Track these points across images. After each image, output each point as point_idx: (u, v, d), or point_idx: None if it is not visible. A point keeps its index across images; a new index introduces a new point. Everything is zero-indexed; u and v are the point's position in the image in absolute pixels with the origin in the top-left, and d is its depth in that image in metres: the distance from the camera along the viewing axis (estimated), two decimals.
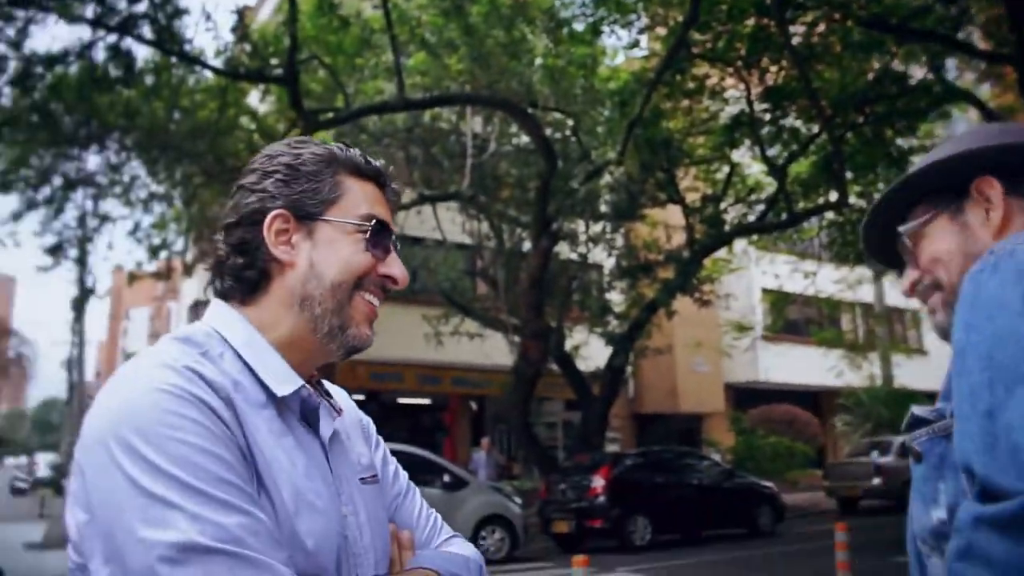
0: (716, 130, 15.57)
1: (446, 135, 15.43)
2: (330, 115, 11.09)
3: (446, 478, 12.07)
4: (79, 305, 22.71)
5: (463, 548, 1.22)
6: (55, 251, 13.12)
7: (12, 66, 9.32)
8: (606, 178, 14.61)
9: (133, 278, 19.60)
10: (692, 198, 16.97)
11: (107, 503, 0.85)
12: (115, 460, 0.85)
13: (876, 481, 17.32)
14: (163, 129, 10.93)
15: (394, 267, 1.13)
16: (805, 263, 19.36)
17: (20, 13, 8.83)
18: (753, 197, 17.63)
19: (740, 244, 19.95)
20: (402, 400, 23.08)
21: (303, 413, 1.07)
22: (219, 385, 0.94)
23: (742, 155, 17.43)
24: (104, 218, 13.97)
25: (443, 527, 1.25)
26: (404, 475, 1.29)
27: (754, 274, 23.56)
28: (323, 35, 10.54)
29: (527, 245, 15.09)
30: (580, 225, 16.13)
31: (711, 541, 14.14)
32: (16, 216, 12.35)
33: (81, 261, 14.37)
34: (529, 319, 13.76)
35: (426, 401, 23.11)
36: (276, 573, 0.86)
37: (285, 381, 1.03)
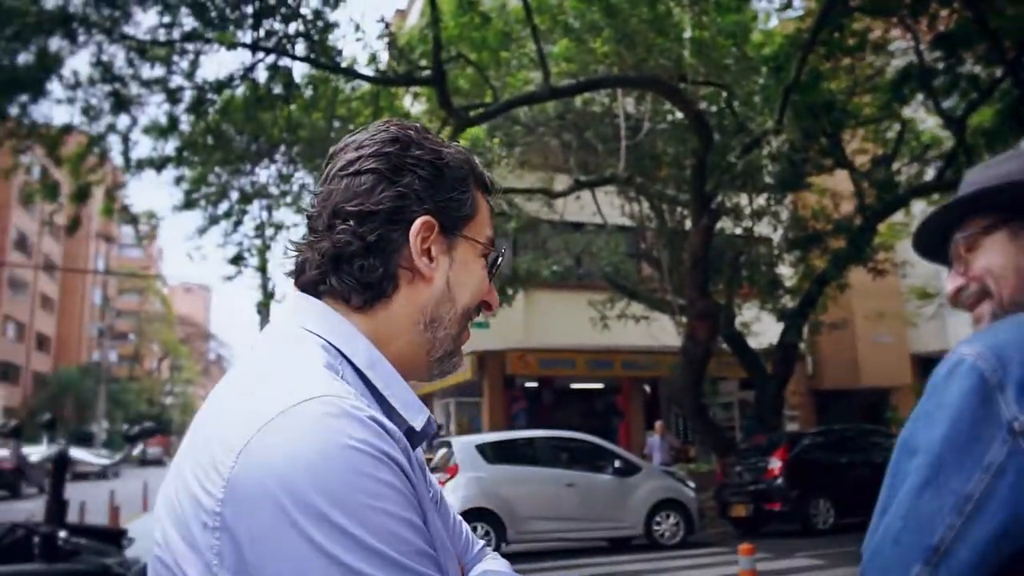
0: (882, 86, 14.63)
1: (599, 119, 15.32)
2: (479, 111, 11.26)
3: (617, 464, 12.04)
4: (263, 309, 24.23)
5: (499, 564, 1.11)
6: (236, 260, 14.07)
7: (187, 95, 10.07)
8: (767, 148, 14.04)
9: None
10: (861, 161, 16.06)
11: (283, 574, 0.73)
12: (298, 526, 0.73)
13: None
14: (324, 139, 11.47)
15: (494, 293, 1.05)
16: None
17: (190, 47, 9.50)
18: (930, 155, 16.45)
19: (919, 206, 18.70)
20: (575, 386, 23.22)
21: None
22: (397, 436, 0.82)
23: (914, 110, 16.31)
24: (279, 227, 14.84)
25: (473, 539, 1.13)
26: (433, 479, 1.07)
27: None
28: (466, 33, 10.70)
29: (689, 224, 14.78)
30: (743, 199, 15.61)
31: None
32: (201, 231, 13.38)
33: (262, 268, 15.31)
34: (694, 299, 13.47)
35: (599, 386, 23.12)
36: None
37: (418, 411, 0.93)
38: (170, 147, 10.47)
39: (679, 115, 14.11)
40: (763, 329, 16.55)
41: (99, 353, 66.28)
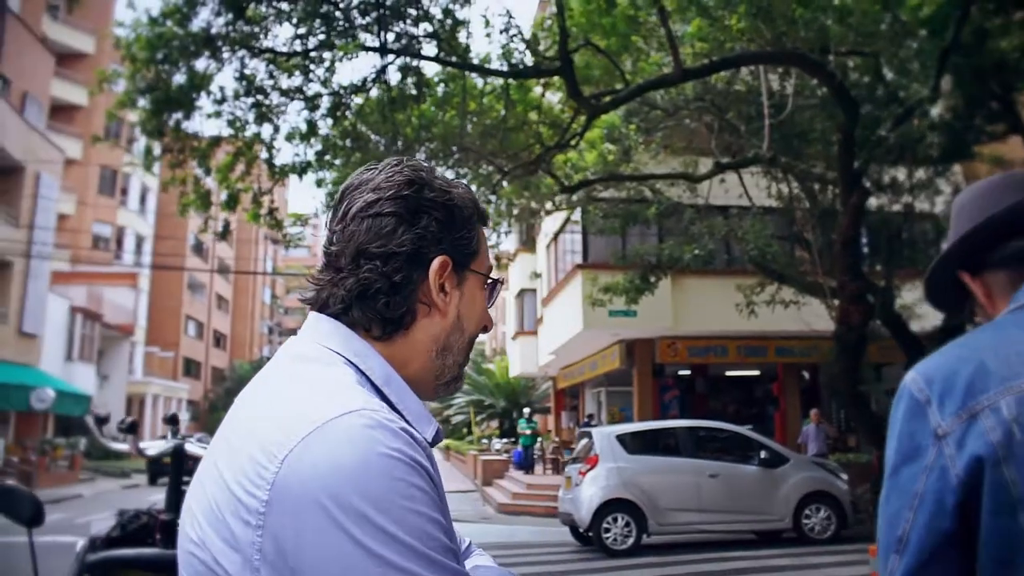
0: None
1: (742, 98, 14.77)
2: (608, 98, 11.11)
3: (763, 454, 11.64)
4: None
5: (486, 559, 1.17)
6: None
7: (324, 101, 10.45)
8: (924, 119, 13.11)
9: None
10: None
11: (327, 570, 0.81)
12: (342, 526, 0.82)
13: None
14: (457, 135, 11.63)
15: (490, 316, 1.16)
16: None
17: (326, 55, 9.86)
18: None
19: None
20: (730, 373, 22.63)
21: None
22: (424, 445, 0.92)
23: None
24: None
25: (461, 534, 1.12)
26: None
27: None
28: (594, 19, 10.57)
29: (840, 203, 14.03)
30: (901, 174, 14.65)
31: None
32: None
33: None
34: (845, 281, 12.76)
35: (755, 373, 22.43)
36: None
37: (428, 423, 1.02)
38: (311, 152, 10.93)
39: (827, 90, 13.39)
40: (927, 311, 15.49)
41: (268, 348, 70.45)
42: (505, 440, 29.48)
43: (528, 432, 23.43)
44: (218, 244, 60.59)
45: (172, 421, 4.15)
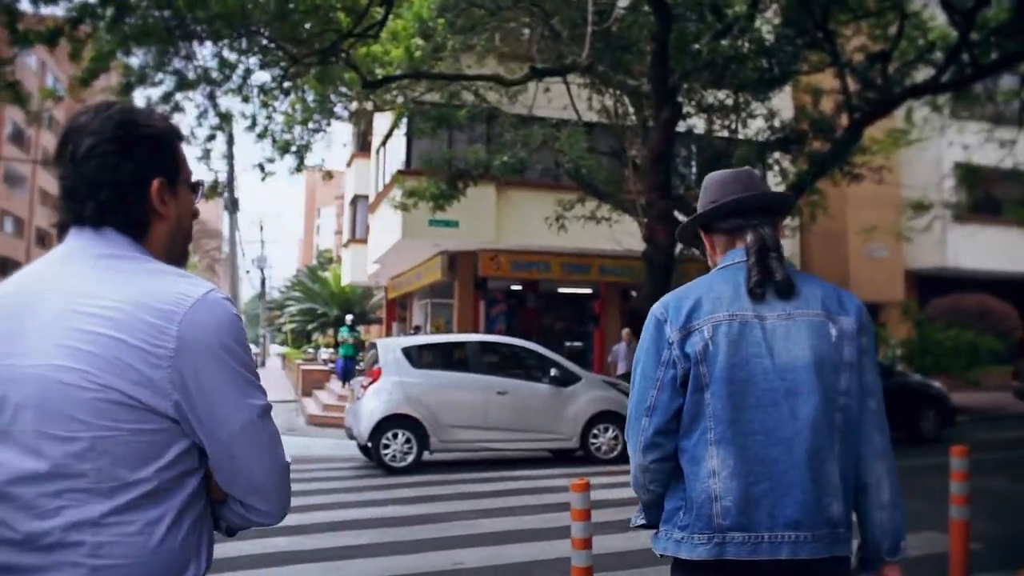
0: None
1: (569, 3, 14.01)
2: None
3: (554, 372, 11.30)
4: (229, 204, 23.59)
5: None
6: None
7: None
8: (744, 39, 12.76)
9: (330, 176, 19.96)
10: (856, 61, 14.70)
11: (219, 387, 1.34)
12: (224, 359, 1.35)
13: None
14: (239, 13, 10.29)
15: (196, 208, 1.58)
16: (1001, 131, 16.54)
17: None
18: (935, 55, 15.00)
19: (922, 112, 17.36)
20: (563, 290, 22.41)
21: None
22: None
23: (922, 3, 14.88)
24: (225, 116, 13.76)
25: None
26: None
27: (941, 146, 20.66)
28: None
29: None
30: (719, 97, 14.37)
31: None
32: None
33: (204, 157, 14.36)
34: (654, 200, 12.46)
35: (587, 291, 22.26)
36: None
37: None
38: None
39: None
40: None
41: None
42: (332, 350, 28.63)
43: (350, 341, 22.57)
44: (44, 133, 55.71)
45: None
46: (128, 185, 1.37)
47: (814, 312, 1.89)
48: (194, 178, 1.51)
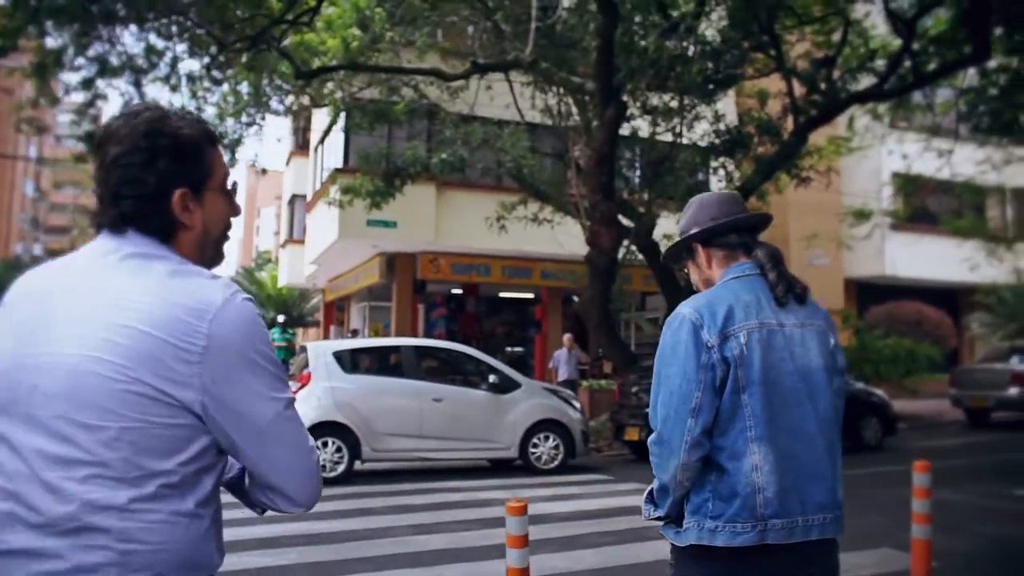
0: None
1: None
2: None
3: (492, 378, 10.85)
4: None
5: None
6: (90, 139, 12.38)
7: None
8: (689, 40, 12.53)
9: (264, 172, 19.30)
10: (804, 67, 14.61)
11: (248, 384, 1.40)
12: (251, 359, 1.39)
13: (1012, 391, 15.09)
14: None
15: (235, 207, 1.59)
16: (938, 141, 16.65)
17: None
18: (877, 63, 14.98)
19: (863, 121, 17.40)
20: (504, 294, 21.98)
21: None
22: None
23: (866, 13, 14.87)
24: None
25: None
26: None
27: (881, 155, 20.79)
28: None
29: None
30: (669, 99, 14.10)
31: None
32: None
33: None
34: (597, 202, 12.15)
35: (529, 295, 21.86)
36: None
37: None
38: None
39: None
40: None
41: (22, 246, 63.74)
42: None
43: (283, 345, 21.82)
44: None
45: None
46: (149, 197, 1.40)
47: (819, 323, 2.18)
48: (230, 181, 1.54)
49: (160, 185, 1.39)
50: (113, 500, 1.27)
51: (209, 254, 1.50)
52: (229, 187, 1.52)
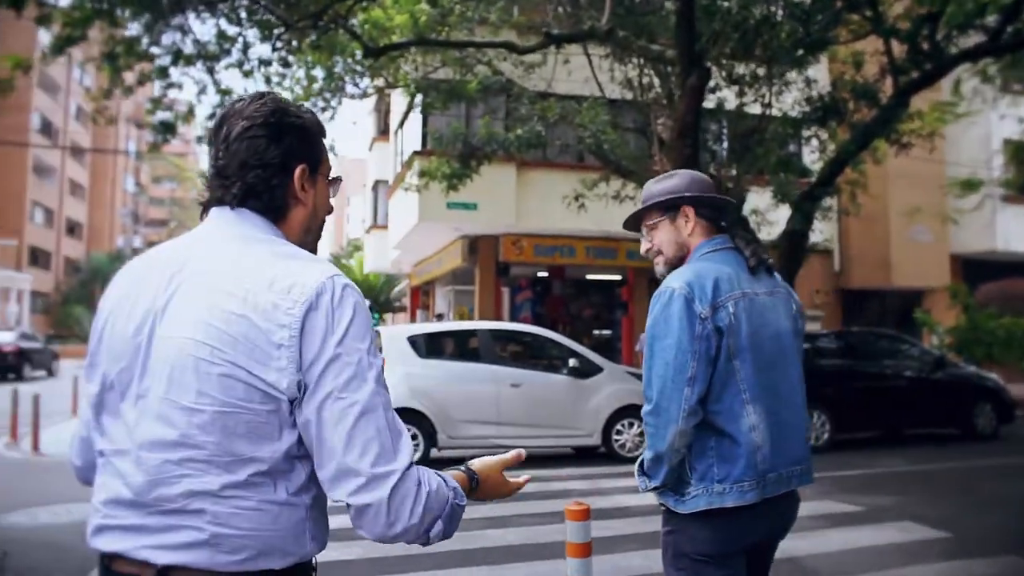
0: None
1: None
2: None
3: (573, 362, 10.40)
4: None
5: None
6: (168, 129, 12.40)
7: None
8: (778, 10, 11.73)
9: (334, 154, 19.23)
10: (901, 26, 13.55)
11: (352, 365, 1.37)
12: (350, 342, 1.36)
13: None
14: None
15: (331, 204, 1.66)
16: None
17: None
18: (988, 19, 13.78)
19: (971, 85, 16.16)
20: (591, 276, 21.47)
21: None
22: None
23: None
24: (226, 92, 13.05)
25: None
26: None
27: (991, 121, 19.38)
28: None
29: None
30: (751, 67, 13.28)
31: (910, 443, 11.66)
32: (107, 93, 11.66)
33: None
34: None
35: (616, 277, 21.28)
36: None
37: None
38: None
39: None
40: (779, 218, 14.48)
41: (123, 239, 66.13)
42: None
43: None
44: (71, 126, 55.59)
45: None
46: (275, 167, 1.46)
47: (783, 291, 2.37)
48: (332, 174, 1.61)
49: (285, 158, 1.46)
50: (207, 485, 1.30)
51: (312, 237, 1.56)
52: (332, 179, 1.60)
